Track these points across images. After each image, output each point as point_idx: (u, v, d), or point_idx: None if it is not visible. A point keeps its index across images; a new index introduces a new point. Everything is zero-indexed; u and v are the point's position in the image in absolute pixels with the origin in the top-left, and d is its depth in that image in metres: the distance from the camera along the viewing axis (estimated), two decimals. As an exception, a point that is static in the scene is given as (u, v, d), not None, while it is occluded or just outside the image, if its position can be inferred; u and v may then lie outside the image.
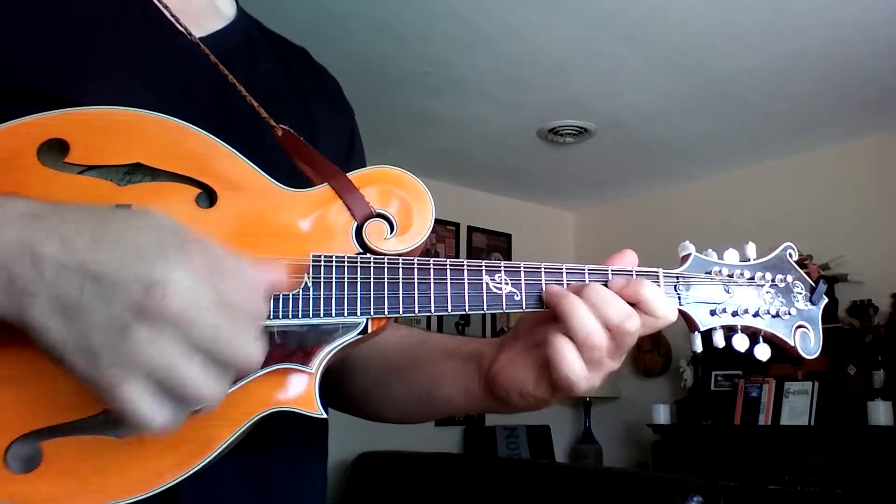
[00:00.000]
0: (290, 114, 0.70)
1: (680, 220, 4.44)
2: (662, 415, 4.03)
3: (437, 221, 0.63)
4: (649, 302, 0.60)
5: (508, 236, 4.80)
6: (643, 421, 4.14)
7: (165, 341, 0.43)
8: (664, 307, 0.61)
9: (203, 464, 0.51)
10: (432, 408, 0.76)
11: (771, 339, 0.68)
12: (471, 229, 4.63)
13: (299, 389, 0.55)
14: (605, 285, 0.61)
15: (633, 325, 0.59)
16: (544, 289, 0.62)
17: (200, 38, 0.70)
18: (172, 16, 0.69)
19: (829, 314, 3.56)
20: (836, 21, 2.67)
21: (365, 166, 0.89)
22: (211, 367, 0.45)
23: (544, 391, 0.63)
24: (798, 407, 3.51)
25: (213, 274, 0.45)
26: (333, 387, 0.75)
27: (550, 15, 2.67)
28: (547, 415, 4.51)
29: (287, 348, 0.55)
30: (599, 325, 0.58)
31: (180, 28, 0.70)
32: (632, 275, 0.64)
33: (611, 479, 2.74)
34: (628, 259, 0.65)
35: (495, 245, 4.75)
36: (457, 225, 4.55)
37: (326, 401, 0.69)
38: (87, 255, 0.44)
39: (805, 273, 0.71)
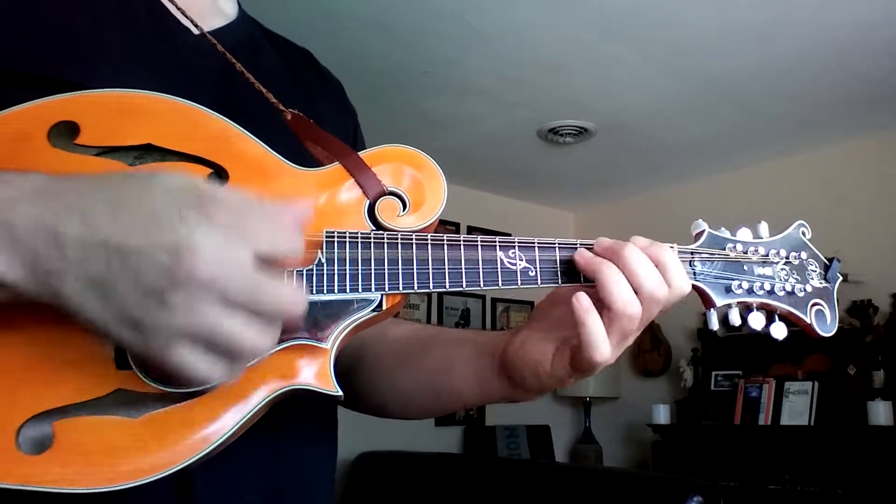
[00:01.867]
0: (295, 109, 0.70)
1: (680, 220, 4.41)
2: (662, 415, 4.02)
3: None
4: (668, 267, 0.59)
5: (508, 236, 4.80)
6: (643, 421, 4.14)
7: (202, 304, 0.43)
8: (681, 276, 0.60)
9: (216, 444, 0.51)
10: (439, 397, 0.75)
11: (787, 317, 0.67)
12: (471, 229, 4.63)
13: (314, 366, 0.55)
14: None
15: (663, 293, 0.58)
16: (579, 252, 0.61)
17: (205, 32, 0.70)
18: (179, 9, 0.69)
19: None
20: (836, 21, 2.67)
21: None
22: (254, 320, 0.45)
23: (562, 368, 0.62)
24: (798, 407, 3.51)
25: (237, 226, 0.45)
26: (341, 382, 0.75)
27: (550, 15, 2.67)
28: (547, 415, 4.51)
29: (302, 325, 0.55)
30: (635, 295, 0.58)
31: (185, 21, 0.70)
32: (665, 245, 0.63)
33: (611, 479, 2.74)
34: (637, 243, 0.64)
35: (495, 245, 4.74)
36: (457, 225, 4.55)
37: None
38: (107, 229, 0.44)
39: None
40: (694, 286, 0.64)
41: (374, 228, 0.59)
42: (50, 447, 0.48)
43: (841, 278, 0.71)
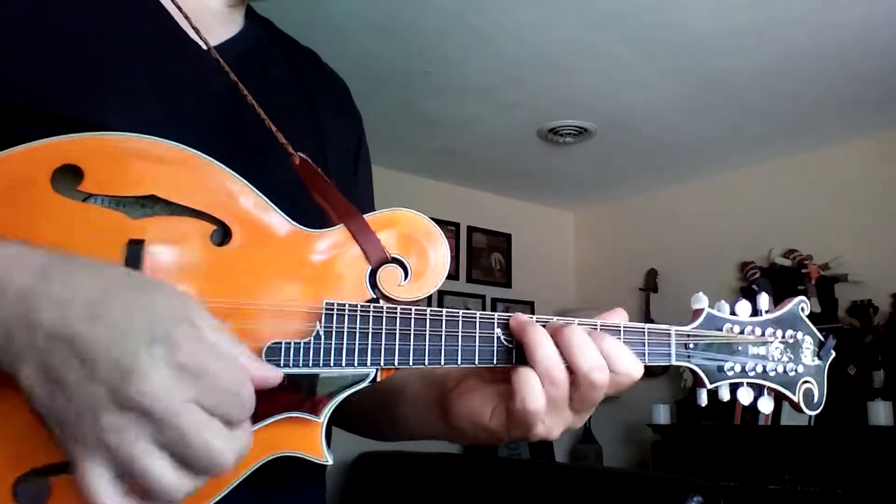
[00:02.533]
0: (300, 124, 0.70)
1: (680, 220, 4.44)
2: (662, 415, 4.03)
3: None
4: (611, 355, 0.59)
5: (508, 236, 4.80)
6: (643, 421, 4.14)
7: (132, 433, 0.43)
8: (626, 362, 0.60)
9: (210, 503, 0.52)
10: (398, 429, 0.76)
11: (775, 393, 0.69)
12: (471, 229, 4.63)
13: (306, 437, 0.55)
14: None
15: (601, 377, 0.58)
16: (513, 316, 0.61)
17: (213, 47, 0.70)
18: (193, 26, 0.68)
19: (829, 314, 3.57)
20: (836, 21, 2.67)
21: (370, 177, 0.89)
22: (180, 466, 0.44)
23: (499, 424, 0.62)
24: (798, 407, 3.51)
25: (196, 370, 0.44)
26: None
27: (550, 15, 2.67)
28: (547, 415, 4.50)
29: (295, 395, 0.55)
30: (562, 362, 0.58)
31: (196, 38, 0.69)
32: (643, 332, 0.64)
33: (611, 479, 2.74)
34: (619, 316, 0.64)
35: (495, 245, 4.75)
36: (457, 225, 4.55)
37: None
38: (78, 327, 0.44)
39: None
40: (689, 368, 0.66)
41: (373, 296, 0.59)
42: (46, 502, 0.49)
43: (833, 355, 0.73)
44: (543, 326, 0.60)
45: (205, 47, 0.69)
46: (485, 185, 4.56)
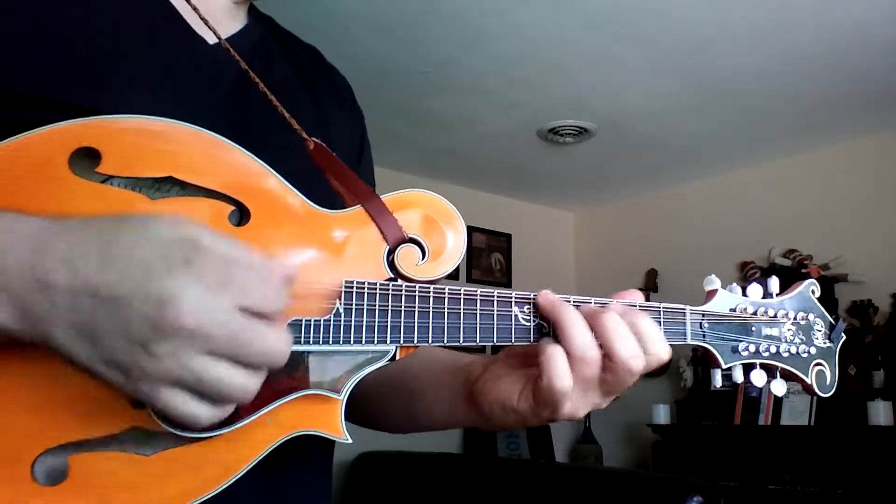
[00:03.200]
0: (304, 120, 0.71)
1: (679, 220, 4.44)
2: (662, 415, 4.03)
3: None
4: (646, 338, 0.59)
5: (508, 236, 4.80)
6: (643, 421, 4.14)
7: (186, 353, 0.45)
8: (660, 344, 0.60)
9: (228, 483, 0.52)
10: (414, 419, 0.76)
11: (788, 375, 0.69)
12: (471, 229, 4.62)
13: (326, 415, 0.56)
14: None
15: (639, 365, 0.59)
16: (542, 294, 0.61)
17: (218, 43, 0.70)
18: (202, 18, 0.69)
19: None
20: (836, 21, 2.67)
21: (372, 173, 0.90)
22: (239, 367, 0.47)
23: (527, 405, 0.62)
24: (798, 407, 3.51)
25: (223, 280, 0.46)
26: None
27: (550, 15, 2.67)
28: (547, 415, 4.50)
29: (316, 373, 0.56)
30: (595, 342, 0.58)
31: (201, 31, 0.69)
32: (659, 311, 0.64)
33: (611, 479, 2.74)
34: (634, 297, 0.65)
35: (495, 245, 4.75)
36: (457, 225, 4.55)
37: None
38: (96, 278, 0.45)
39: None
40: (703, 348, 0.66)
41: (392, 276, 0.60)
42: (65, 480, 0.49)
43: (844, 338, 0.73)
44: (576, 307, 0.61)
45: (211, 41, 0.70)
46: (485, 185, 4.56)
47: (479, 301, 0.60)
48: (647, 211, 4.65)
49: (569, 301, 0.62)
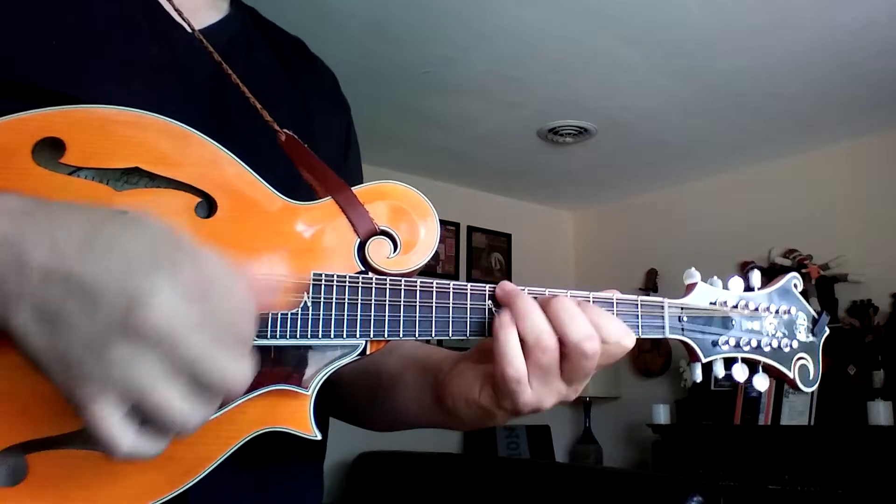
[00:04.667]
0: (287, 110, 0.70)
1: (679, 220, 4.44)
2: (662, 415, 4.02)
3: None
4: (600, 325, 0.58)
5: (508, 236, 4.80)
6: (643, 421, 4.14)
7: (145, 362, 0.41)
8: (617, 331, 0.59)
9: (193, 482, 0.51)
10: (395, 417, 0.75)
11: (770, 370, 0.68)
12: (471, 229, 4.63)
13: (294, 411, 0.54)
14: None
15: (592, 347, 0.57)
16: (500, 285, 0.60)
17: (198, 30, 0.70)
18: (176, 9, 0.69)
19: (829, 314, 3.56)
20: (836, 21, 2.67)
21: (360, 163, 0.89)
22: (192, 392, 0.43)
23: (488, 398, 0.60)
24: (798, 407, 3.51)
25: (202, 292, 0.43)
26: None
27: (550, 15, 2.67)
28: (547, 415, 4.51)
29: (283, 368, 0.54)
30: (551, 329, 0.56)
31: (181, 21, 0.69)
32: (636, 304, 0.63)
33: (611, 479, 2.74)
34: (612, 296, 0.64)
35: (495, 245, 4.75)
36: (457, 225, 4.55)
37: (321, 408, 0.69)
38: (74, 262, 0.42)
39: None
40: (681, 342, 0.65)
41: (362, 269, 0.58)
42: (24, 479, 0.48)
43: (828, 332, 0.71)
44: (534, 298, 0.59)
45: (189, 30, 0.69)
46: (485, 185, 4.56)
47: (451, 294, 0.58)
48: (646, 211, 4.65)
49: (537, 293, 0.60)
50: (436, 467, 3.30)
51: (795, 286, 0.71)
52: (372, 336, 0.56)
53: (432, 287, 0.58)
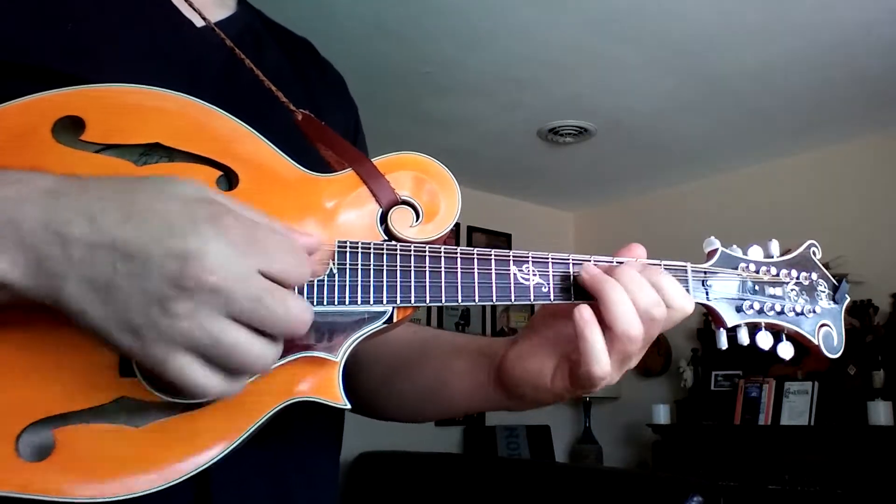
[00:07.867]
0: (296, 104, 0.70)
1: (680, 220, 4.44)
2: (662, 415, 4.03)
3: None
4: (665, 290, 0.59)
5: (508, 236, 4.80)
6: (643, 421, 4.14)
7: (206, 314, 0.43)
8: (681, 297, 0.60)
9: (220, 456, 0.50)
10: (436, 405, 0.75)
11: (794, 337, 0.67)
12: (471, 229, 4.63)
13: (322, 378, 0.54)
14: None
15: (661, 313, 0.58)
16: (584, 268, 0.60)
17: (205, 26, 0.70)
18: (188, 2, 0.69)
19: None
20: (836, 21, 2.67)
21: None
22: (257, 335, 0.45)
23: (562, 385, 0.61)
24: (798, 407, 3.51)
25: (249, 242, 0.45)
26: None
27: (550, 15, 2.67)
28: (547, 415, 4.51)
29: (311, 336, 0.53)
30: (640, 321, 0.57)
31: (189, 13, 0.69)
32: (659, 268, 0.63)
33: (611, 479, 2.74)
34: (636, 252, 0.64)
35: (495, 245, 4.75)
36: (457, 225, 4.51)
37: None
38: (116, 232, 0.43)
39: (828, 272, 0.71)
40: (706, 306, 0.64)
41: (386, 238, 0.58)
42: (51, 454, 0.47)
43: (849, 299, 0.70)
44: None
45: (199, 24, 0.69)
46: (485, 184, 4.56)
47: (476, 260, 0.58)
48: (647, 211, 4.65)
49: (612, 263, 0.61)
50: (436, 467, 3.30)
51: (814, 253, 0.70)
52: (399, 302, 0.56)
53: (457, 253, 0.58)
